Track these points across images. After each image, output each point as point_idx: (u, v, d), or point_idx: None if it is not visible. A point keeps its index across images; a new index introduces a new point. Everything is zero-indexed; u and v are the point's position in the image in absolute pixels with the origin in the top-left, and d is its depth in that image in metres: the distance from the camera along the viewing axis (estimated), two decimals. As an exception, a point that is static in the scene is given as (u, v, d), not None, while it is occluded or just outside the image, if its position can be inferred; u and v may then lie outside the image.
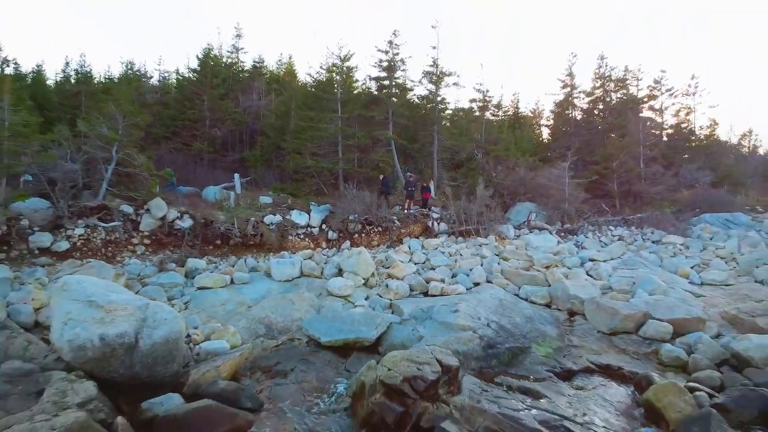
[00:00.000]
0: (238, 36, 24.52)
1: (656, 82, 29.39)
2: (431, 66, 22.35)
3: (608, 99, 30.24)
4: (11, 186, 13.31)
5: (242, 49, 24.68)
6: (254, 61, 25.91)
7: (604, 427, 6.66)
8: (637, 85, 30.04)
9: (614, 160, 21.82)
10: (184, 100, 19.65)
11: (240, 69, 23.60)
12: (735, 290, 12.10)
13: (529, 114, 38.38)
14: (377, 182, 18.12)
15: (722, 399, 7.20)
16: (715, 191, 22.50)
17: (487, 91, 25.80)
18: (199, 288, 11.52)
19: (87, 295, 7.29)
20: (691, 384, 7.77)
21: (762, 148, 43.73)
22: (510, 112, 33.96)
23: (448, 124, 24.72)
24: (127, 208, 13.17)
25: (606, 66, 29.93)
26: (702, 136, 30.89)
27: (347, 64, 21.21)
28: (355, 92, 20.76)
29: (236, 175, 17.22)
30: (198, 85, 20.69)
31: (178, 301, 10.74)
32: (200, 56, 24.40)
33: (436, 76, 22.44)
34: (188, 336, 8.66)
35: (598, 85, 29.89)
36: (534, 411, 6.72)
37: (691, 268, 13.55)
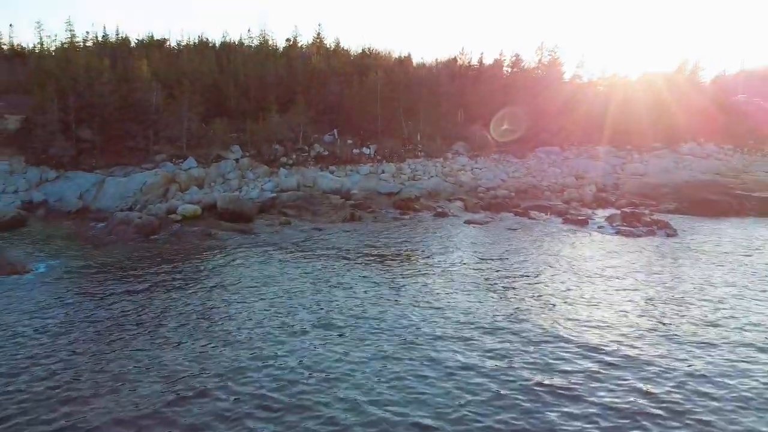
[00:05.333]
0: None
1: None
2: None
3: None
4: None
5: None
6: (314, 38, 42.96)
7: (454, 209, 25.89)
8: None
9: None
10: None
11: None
12: (523, 179, 30.87)
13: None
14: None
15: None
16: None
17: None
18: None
19: (328, 177, 26.39)
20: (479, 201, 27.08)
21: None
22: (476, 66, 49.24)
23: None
24: (306, 148, 31.56)
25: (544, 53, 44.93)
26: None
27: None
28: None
29: (335, 129, 34.80)
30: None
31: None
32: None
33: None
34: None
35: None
36: (434, 205, 25.95)
37: (512, 172, 32.10)
